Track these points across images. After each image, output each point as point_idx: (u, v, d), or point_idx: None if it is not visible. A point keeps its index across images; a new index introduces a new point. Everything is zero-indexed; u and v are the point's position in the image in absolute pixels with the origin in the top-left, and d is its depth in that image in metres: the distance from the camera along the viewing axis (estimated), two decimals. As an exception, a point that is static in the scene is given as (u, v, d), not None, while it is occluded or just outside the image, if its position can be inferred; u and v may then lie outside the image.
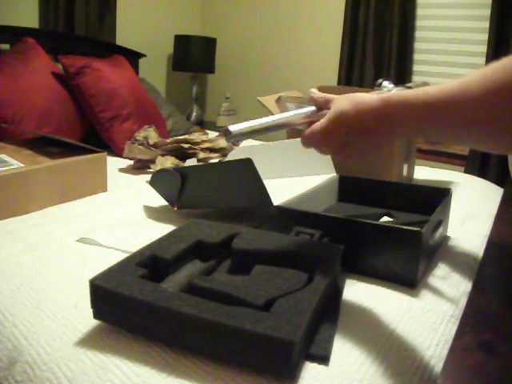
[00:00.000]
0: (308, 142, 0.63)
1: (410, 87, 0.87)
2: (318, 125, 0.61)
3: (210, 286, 0.57)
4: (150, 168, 1.47)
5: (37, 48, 1.75)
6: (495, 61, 0.44)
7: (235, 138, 0.62)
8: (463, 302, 0.69)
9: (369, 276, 0.74)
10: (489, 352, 0.48)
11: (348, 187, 1.09)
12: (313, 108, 0.66)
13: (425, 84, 0.91)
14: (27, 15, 2.10)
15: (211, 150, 1.54)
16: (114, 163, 1.51)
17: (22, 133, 1.50)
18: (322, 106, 0.64)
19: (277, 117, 0.65)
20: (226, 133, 0.62)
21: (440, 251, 0.87)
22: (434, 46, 2.33)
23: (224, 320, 0.49)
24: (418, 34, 2.35)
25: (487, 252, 0.80)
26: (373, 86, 2.41)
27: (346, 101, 0.58)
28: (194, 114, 2.90)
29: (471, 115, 0.45)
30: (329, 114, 0.60)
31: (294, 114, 0.65)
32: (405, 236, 0.70)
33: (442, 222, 0.85)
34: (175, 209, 1.00)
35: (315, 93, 0.65)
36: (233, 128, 0.62)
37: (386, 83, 0.84)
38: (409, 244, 0.70)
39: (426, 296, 0.69)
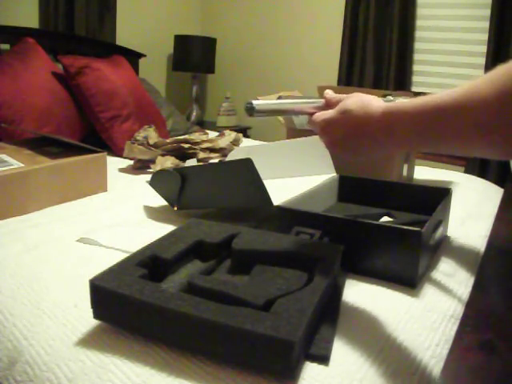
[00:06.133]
0: (312, 124, 0.66)
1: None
2: (323, 113, 0.63)
3: (210, 286, 0.57)
4: (150, 168, 1.47)
5: (37, 48, 1.75)
6: (496, 63, 0.43)
7: (257, 114, 0.64)
8: (463, 301, 0.69)
9: (369, 276, 0.74)
10: (489, 352, 0.48)
11: (348, 187, 1.09)
12: (323, 100, 0.69)
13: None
14: (27, 15, 2.10)
15: (211, 149, 1.53)
16: (114, 163, 1.51)
17: (22, 133, 1.50)
18: (335, 106, 0.64)
19: (295, 100, 0.68)
20: (248, 108, 0.64)
21: (440, 251, 0.87)
22: (433, 45, 2.33)
23: (224, 320, 0.49)
24: (417, 34, 2.35)
25: (487, 252, 0.80)
26: (373, 85, 2.41)
27: (355, 101, 0.59)
28: (194, 113, 2.90)
29: (481, 119, 0.43)
30: (336, 108, 0.61)
31: (311, 101, 0.68)
32: (405, 236, 0.70)
33: (441, 222, 0.85)
34: (175, 209, 1.00)
35: (329, 94, 0.68)
36: (256, 103, 0.64)
37: (389, 98, 0.86)
38: (409, 244, 0.70)
39: (426, 296, 0.69)
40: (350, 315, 0.62)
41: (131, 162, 1.53)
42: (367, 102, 0.58)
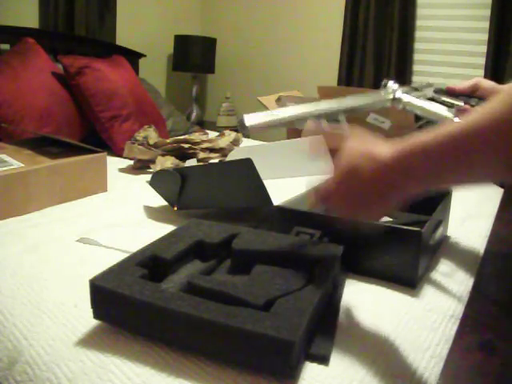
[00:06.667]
0: (322, 200, 0.59)
1: (416, 88, 0.86)
2: (329, 181, 0.57)
3: (210, 286, 0.57)
4: (150, 168, 1.47)
5: (37, 48, 1.75)
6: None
7: (250, 131, 0.64)
8: (463, 302, 0.69)
9: (369, 276, 0.73)
10: (489, 352, 0.48)
11: (348, 187, 1.08)
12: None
13: (429, 85, 0.90)
14: (27, 15, 2.09)
15: (211, 150, 1.53)
16: (114, 163, 1.51)
17: (22, 133, 1.50)
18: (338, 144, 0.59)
19: (289, 113, 0.67)
20: (241, 124, 0.63)
21: (440, 251, 0.87)
22: (433, 45, 2.32)
23: (224, 320, 0.49)
24: (417, 34, 2.34)
25: (487, 252, 0.80)
26: (373, 85, 2.40)
27: (360, 155, 0.53)
28: (194, 113, 2.90)
29: (492, 138, 0.42)
30: (341, 169, 0.55)
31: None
32: (405, 236, 0.70)
33: (441, 222, 0.85)
34: (175, 209, 1.00)
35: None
36: (248, 122, 0.63)
37: (390, 83, 0.83)
38: (409, 244, 0.70)
39: (426, 296, 0.69)
40: (350, 315, 0.62)
41: (131, 162, 1.53)
42: (371, 149, 0.53)
